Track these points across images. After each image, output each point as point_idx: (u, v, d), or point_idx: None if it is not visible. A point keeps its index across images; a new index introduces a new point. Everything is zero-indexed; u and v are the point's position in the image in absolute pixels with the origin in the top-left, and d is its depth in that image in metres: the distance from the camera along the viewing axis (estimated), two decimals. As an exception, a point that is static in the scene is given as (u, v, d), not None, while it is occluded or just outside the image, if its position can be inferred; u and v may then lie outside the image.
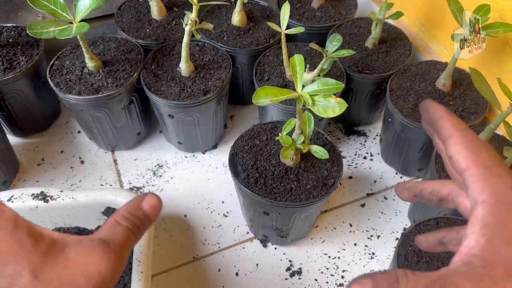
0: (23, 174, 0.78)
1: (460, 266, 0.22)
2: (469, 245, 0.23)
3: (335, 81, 0.44)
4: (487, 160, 0.25)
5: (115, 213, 0.30)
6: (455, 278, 0.22)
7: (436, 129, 0.28)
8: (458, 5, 0.61)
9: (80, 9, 0.62)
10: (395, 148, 0.75)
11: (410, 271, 0.23)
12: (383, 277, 0.23)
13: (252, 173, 0.58)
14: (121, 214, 0.30)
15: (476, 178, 0.25)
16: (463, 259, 0.23)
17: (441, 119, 0.28)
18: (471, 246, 0.23)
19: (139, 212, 0.30)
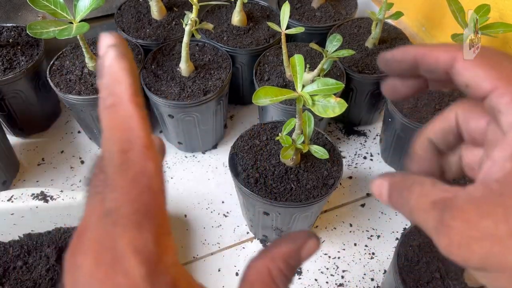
0: (23, 174, 0.78)
1: (477, 189, 0.20)
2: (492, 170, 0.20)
3: (335, 81, 0.44)
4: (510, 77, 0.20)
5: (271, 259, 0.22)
6: (462, 203, 0.19)
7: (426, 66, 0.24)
8: (458, 5, 0.61)
9: (80, 9, 0.62)
10: (395, 148, 0.75)
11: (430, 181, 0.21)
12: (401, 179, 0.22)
13: (252, 173, 0.58)
14: (279, 266, 0.22)
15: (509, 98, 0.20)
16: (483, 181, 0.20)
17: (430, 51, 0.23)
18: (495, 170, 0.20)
19: (296, 263, 0.23)
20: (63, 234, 0.62)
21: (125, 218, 0.17)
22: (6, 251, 0.62)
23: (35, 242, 0.62)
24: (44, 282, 0.59)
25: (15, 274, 0.60)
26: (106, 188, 0.18)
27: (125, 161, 0.17)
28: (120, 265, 0.17)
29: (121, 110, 0.18)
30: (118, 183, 0.17)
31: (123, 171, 0.17)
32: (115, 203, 0.17)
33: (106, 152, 0.18)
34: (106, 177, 0.18)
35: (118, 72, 0.18)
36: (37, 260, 0.61)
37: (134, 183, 0.17)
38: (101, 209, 0.18)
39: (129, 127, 0.18)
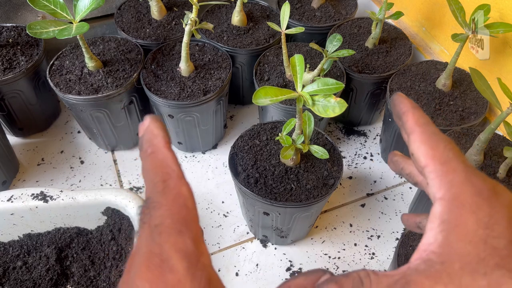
0: (23, 174, 0.78)
1: (420, 264, 0.23)
2: (427, 242, 0.23)
3: (335, 81, 0.44)
4: (444, 155, 0.25)
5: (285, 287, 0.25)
6: (415, 277, 0.22)
7: (401, 124, 0.28)
8: (458, 5, 0.61)
9: (80, 9, 0.62)
10: (395, 148, 0.75)
11: (372, 272, 0.24)
12: (347, 280, 0.24)
13: (252, 173, 0.58)
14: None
15: (434, 175, 0.25)
16: (422, 256, 0.23)
17: (405, 115, 0.27)
18: (429, 242, 0.23)
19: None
20: (63, 234, 0.62)
21: (169, 227, 0.22)
22: (6, 251, 0.61)
23: (35, 242, 0.62)
24: (44, 282, 0.59)
25: (15, 274, 0.60)
26: (152, 210, 0.23)
27: (165, 187, 0.23)
28: (166, 264, 0.21)
29: (159, 154, 0.24)
30: (162, 203, 0.23)
31: (165, 194, 0.23)
32: (160, 218, 0.22)
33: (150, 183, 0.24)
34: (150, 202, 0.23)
35: (154, 130, 0.25)
36: (37, 260, 0.61)
37: (174, 202, 0.23)
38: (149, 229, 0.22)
39: (166, 164, 0.24)
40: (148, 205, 0.24)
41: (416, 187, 0.33)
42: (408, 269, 0.23)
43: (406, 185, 0.78)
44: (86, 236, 0.63)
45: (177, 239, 0.22)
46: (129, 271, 0.23)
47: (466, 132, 0.65)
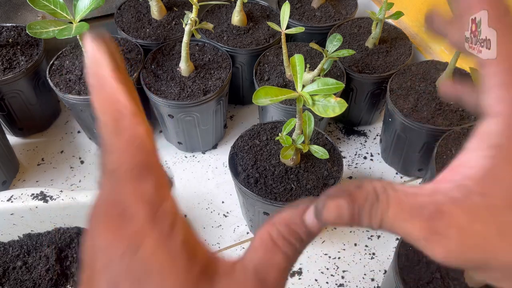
0: (22, 174, 0.78)
1: (453, 189, 0.19)
2: (468, 164, 0.19)
3: (335, 81, 0.44)
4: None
5: (271, 224, 0.22)
6: (449, 206, 0.18)
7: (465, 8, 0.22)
8: (458, 5, 0.61)
9: (80, 9, 0.62)
10: (395, 148, 0.75)
11: (390, 186, 0.20)
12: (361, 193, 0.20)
13: (252, 173, 0.58)
14: (279, 229, 0.22)
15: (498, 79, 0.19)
16: (456, 179, 0.19)
17: None
18: (470, 165, 0.19)
19: (301, 230, 0.22)
20: (63, 234, 0.62)
21: (125, 173, 0.20)
22: (6, 251, 0.61)
23: (35, 242, 0.62)
24: (43, 282, 0.59)
25: (14, 274, 0.60)
26: (106, 154, 0.20)
27: (118, 127, 0.20)
28: (126, 212, 0.19)
29: (107, 87, 0.20)
30: (115, 146, 0.20)
31: (118, 136, 0.20)
32: (116, 163, 0.20)
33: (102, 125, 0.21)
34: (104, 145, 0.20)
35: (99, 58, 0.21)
36: (37, 260, 0.61)
37: (129, 144, 0.20)
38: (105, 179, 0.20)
39: (116, 99, 0.20)
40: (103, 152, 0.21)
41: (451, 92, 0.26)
42: (437, 193, 0.19)
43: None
44: (86, 236, 0.63)
45: (136, 185, 0.20)
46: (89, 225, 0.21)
47: (466, 132, 0.65)
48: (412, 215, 0.19)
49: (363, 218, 0.20)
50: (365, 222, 0.20)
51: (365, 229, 0.71)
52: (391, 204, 0.19)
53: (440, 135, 0.64)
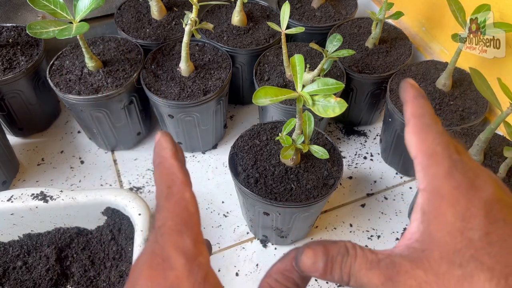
0: (22, 174, 0.78)
1: (404, 250, 0.24)
2: (411, 231, 0.25)
3: (335, 81, 0.44)
4: (431, 148, 0.26)
5: (268, 276, 0.27)
6: (399, 259, 0.24)
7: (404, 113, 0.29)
8: (458, 5, 0.61)
9: (80, 9, 0.62)
10: (395, 148, 0.75)
11: (358, 245, 0.25)
12: (334, 247, 0.25)
13: (252, 173, 0.58)
14: (276, 278, 0.27)
15: (419, 167, 0.26)
16: (407, 244, 0.25)
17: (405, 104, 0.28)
18: (413, 232, 0.25)
19: (295, 274, 0.26)
20: (63, 234, 0.62)
21: (170, 228, 0.24)
22: (6, 251, 0.61)
23: (35, 242, 0.62)
24: (43, 282, 0.59)
25: (14, 274, 0.60)
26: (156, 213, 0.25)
27: (169, 192, 0.25)
28: (167, 262, 0.23)
29: (166, 164, 0.27)
30: (165, 206, 0.25)
31: (168, 198, 0.25)
32: (163, 220, 0.24)
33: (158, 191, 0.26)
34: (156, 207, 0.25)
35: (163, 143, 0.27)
36: (37, 260, 0.61)
37: (176, 205, 0.25)
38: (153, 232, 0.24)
39: (171, 172, 0.26)
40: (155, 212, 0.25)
41: None
42: (392, 253, 0.24)
43: (406, 185, 0.78)
44: (86, 236, 0.63)
45: (177, 239, 0.23)
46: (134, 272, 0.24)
47: (466, 132, 0.65)
48: (372, 266, 0.24)
49: (335, 268, 0.25)
50: (337, 273, 0.25)
51: (365, 229, 0.71)
52: (358, 258, 0.24)
53: (440, 135, 0.64)
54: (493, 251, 0.22)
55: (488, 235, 0.23)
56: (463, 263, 0.22)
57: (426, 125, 0.27)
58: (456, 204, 0.24)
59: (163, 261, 0.23)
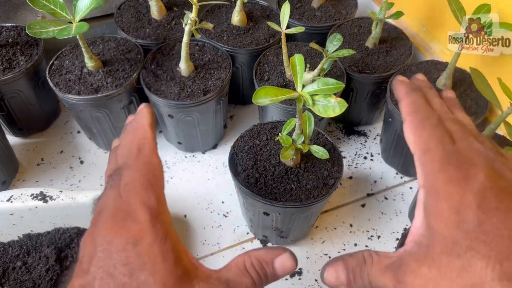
0: (22, 174, 0.78)
1: (413, 246, 0.26)
2: (417, 225, 0.26)
3: (335, 81, 0.44)
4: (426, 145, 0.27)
5: (248, 255, 0.29)
6: (407, 259, 0.25)
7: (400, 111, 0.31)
8: (458, 5, 0.61)
9: (80, 9, 0.62)
10: (395, 148, 0.75)
11: (374, 252, 0.27)
12: (352, 259, 0.27)
13: (252, 173, 0.58)
14: (253, 262, 0.28)
15: (417, 163, 0.27)
16: (415, 239, 0.26)
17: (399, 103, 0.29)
18: (418, 226, 0.26)
19: (269, 269, 0.28)
20: (63, 234, 0.62)
21: (136, 186, 0.25)
22: (6, 252, 0.61)
23: (35, 242, 0.62)
24: (43, 283, 0.59)
25: (14, 274, 0.59)
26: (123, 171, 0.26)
27: (139, 153, 0.27)
28: (131, 216, 0.24)
29: (141, 129, 0.29)
30: (133, 165, 0.26)
31: (137, 159, 0.27)
32: (130, 178, 0.26)
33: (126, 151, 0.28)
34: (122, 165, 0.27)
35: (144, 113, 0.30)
36: (37, 260, 0.61)
37: (144, 166, 0.27)
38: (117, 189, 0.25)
39: (145, 137, 0.28)
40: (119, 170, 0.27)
41: None
42: (404, 252, 0.26)
43: (407, 185, 0.78)
44: (86, 236, 0.63)
45: (143, 195, 0.25)
46: (95, 225, 0.25)
47: (466, 132, 0.64)
48: (385, 270, 0.26)
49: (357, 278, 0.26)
50: (359, 282, 0.26)
51: (365, 229, 0.71)
52: (374, 265, 0.26)
53: (440, 135, 0.64)
54: (487, 239, 0.23)
55: (482, 225, 0.24)
56: (461, 254, 0.23)
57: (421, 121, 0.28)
58: (450, 199, 0.25)
59: (127, 214, 0.24)
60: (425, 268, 0.24)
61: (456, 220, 0.24)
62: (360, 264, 0.26)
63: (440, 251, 0.24)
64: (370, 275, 0.26)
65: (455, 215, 0.24)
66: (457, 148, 0.27)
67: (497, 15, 0.60)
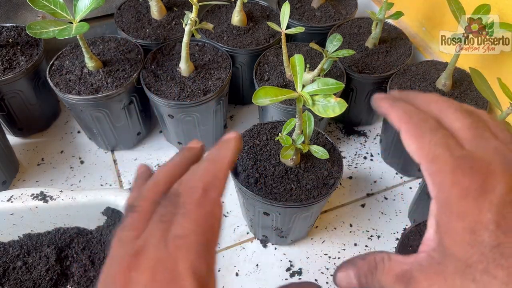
0: (22, 174, 0.78)
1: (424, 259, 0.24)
2: (429, 238, 0.24)
3: (335, 81, 0.44)
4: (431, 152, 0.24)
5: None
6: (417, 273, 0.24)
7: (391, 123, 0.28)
8: (458, 5, 0.61)
9: (80, 9, 0.62)
10: (395, 148, 0.75)
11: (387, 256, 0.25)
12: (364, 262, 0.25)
13: (252, 173, 0.58)
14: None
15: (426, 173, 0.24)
16: (427, 251, 0.24)
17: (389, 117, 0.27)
18: (430, 239, 0.24)
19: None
20: (63, 234, 0.62)
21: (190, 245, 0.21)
22: (6, 251, 0.61)
23: (35, 242, 0.62)
24: (43, 282, 0.59)
25: (14, 274, 0.60)
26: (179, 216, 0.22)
27: (204, 197, 0.22)
28: (177, 282, 0.20)
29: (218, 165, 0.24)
30: (192, 215, 0.22)
31: (200, 206, 0.22)
32: (185, 231, 0.21)
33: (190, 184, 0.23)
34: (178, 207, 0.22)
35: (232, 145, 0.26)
36: (37, 260, 0.61)
37: (205, 220, 0.22)
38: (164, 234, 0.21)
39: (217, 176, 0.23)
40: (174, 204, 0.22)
41: None
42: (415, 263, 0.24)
43: (406, 185, 0.78)
44: (86, 236, 0.63)
45: (196, 261, 0.21)
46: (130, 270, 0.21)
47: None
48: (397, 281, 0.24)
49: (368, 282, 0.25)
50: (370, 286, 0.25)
51: (365, 229, 0.71)
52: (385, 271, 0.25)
53: (440, 135, 0.64)
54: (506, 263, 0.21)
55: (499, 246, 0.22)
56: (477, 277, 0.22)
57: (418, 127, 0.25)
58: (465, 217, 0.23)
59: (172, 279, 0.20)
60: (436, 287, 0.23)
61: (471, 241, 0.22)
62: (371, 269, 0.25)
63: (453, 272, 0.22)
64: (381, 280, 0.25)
65: (470, 235, 0.22)
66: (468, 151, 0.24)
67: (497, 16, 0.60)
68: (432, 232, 0.24)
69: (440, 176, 0.24)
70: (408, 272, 0.24)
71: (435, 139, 0.24)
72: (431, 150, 0.24)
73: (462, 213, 0.23)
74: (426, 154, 0.24)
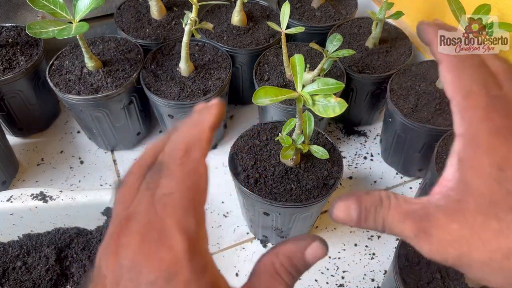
0: (22, 174, 0.78)
1: (440, 199, 0.23)
2: (447, 177, 0.23)
3: (335, 81, 0.44)
4: (467, 87, 0.23)
5: (275, 254, 0.25)
6: (434, 211, 0.22)
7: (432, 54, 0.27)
8: (458, 5, 0.61)
9: (80, 9, 0.62)
10: (395, 148, 0.75)
11: (393, 194, 0.24)
12: (368, 197, 0.24)
13: (252, 173, 0.58)
14: (282, 261, 0.24)
15: (456, 109, 0.24)
16: (442, 191, 0.23)
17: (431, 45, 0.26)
18: (449, 178, 0.23)
19: (300, 263, 0.25)
20: (63, 234, 0.62)
21: (175, 202, 0.21)
22: (6, 252, 0.61)
23: (35, 242, 0.62)
24: (43, 283, 0.59)
25: (14, 274, 0.59)
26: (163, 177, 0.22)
27: (186, 157, 0.22)
28: (165, 240, 0.20)
29: (200, 127, 0.23)
30: (176, 174, 0.21)
31: (182, 165, 0.22)
32: (170, 188, 0.21)
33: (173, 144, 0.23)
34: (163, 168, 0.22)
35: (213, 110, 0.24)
36: (37, 260, 0.61)
37: (188, 177, 0.22)
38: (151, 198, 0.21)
39: (200, 138, 0.23)
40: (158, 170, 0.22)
41: None
42: (428, 202, 0.23)
43: (406, 185, 0.78)
44: (86, 236, 0.63)
45: (182, 217, 0.21)
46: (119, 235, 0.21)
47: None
48: (406, 217, 0.23)
49: (369, 218, 0.23)
50: (371, 223, 0.23)
51: (365, 229, 0.71)
52: (391, 209, 0.23)
53: (440, 135, 0.64)
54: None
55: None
56: (500, 215, 0.21)
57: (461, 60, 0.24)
58: (494, 152, 0.22)
59: (161, 238, 0.20)
60: (455, 224, 0.21)
61: (498, 177, 0.21)
62: (375, 204, 0.23)
63: (475, 209, 0.21)
64: (385, 219, 0.23)
65: (497, 171, 0.21)
66: (504, 92, 0.23)
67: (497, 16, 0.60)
68: (452, 171, 0.23)
69: (472, 112, 0.23)
70: (421, 210, 0.23)
71: (475, 75, 0.24)
72: (467, 85, 0.24)
73: (491, 148, 0.22)
74: (461, 88, 0.24)
